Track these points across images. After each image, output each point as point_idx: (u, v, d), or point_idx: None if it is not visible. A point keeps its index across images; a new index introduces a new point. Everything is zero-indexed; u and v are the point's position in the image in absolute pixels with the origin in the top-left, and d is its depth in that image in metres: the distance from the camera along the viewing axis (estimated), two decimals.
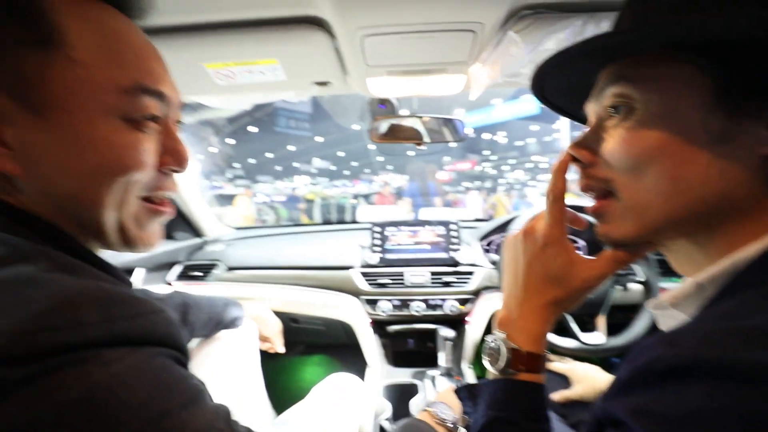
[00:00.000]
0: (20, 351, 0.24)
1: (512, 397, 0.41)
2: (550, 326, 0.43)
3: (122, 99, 0.35)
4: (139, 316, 0.31)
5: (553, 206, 0.42)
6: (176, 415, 0.28)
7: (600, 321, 0.99)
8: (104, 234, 0.38)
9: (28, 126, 0.33)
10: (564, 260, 0.41)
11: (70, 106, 0.33)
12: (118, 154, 0.35)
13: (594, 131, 0.39)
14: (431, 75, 0.82)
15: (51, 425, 0.24)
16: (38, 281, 0.27)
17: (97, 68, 0.34)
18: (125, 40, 0.36)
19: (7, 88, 0.31)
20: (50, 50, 0.32)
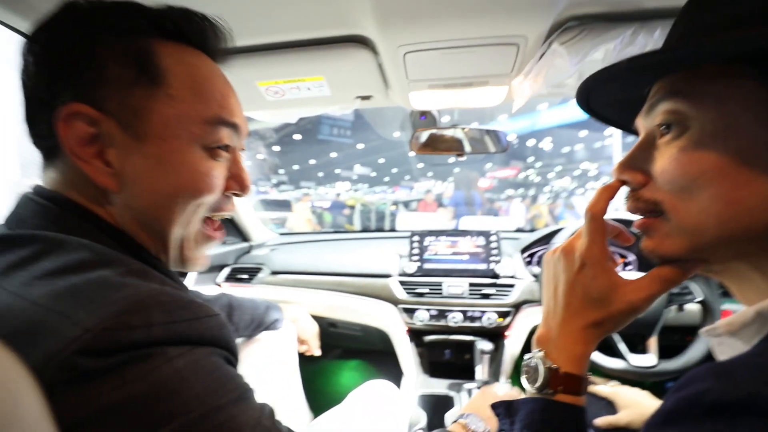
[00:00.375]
0: (102, 345, 0.28)
1: (549, 418, 0.40)
2: (592, 348, 0.41)
3: (205, 130, 0.41)
4: (199, 319, 0.34)
5: (591, 225, 0.40)
6: (227, 409, 0.31)
7: (651, 342, 0.94)
8: (167, 248, 0.43)
9: (128, 149, 0.38)
10: (604, 283, 0.39)
11: (165, 135, 0.39)
12: (196, 178, 0.41)
13: (643, 149, 0.37)
14: (472, 88, 0.83)
15: (123, 411, 0.27)
16: (115, 284, 0.31)
17: (188, 104, 0.40)
18: (212, 81, 0.42)
19: (117, 116, 0.37)
20: (155, 88, 0.38)
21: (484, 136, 1.03)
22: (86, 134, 0.37)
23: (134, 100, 0.37)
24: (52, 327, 0.27)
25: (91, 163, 0.37)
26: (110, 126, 0.37)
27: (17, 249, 0.33)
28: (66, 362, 0.26)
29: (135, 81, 0.37)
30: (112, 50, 0.37)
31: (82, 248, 0.34)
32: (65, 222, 0.37)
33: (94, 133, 0.37)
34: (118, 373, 0.28)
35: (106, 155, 0.38)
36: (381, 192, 20.92)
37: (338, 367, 1.79)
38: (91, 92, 0.36)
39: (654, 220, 0.37)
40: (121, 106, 0.37)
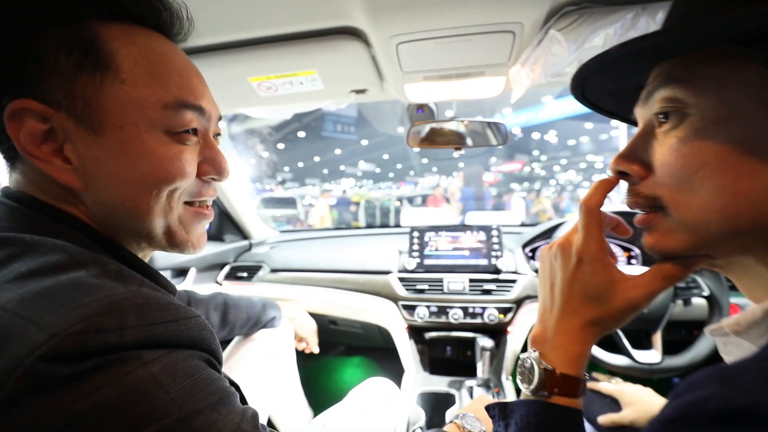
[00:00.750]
0: (70, 350, 0.26)
1: (544, 421, 0.39)
2: (589, 347, 0.40)
3: (166, 114, 0.38)
4: (176, 321, 0.33)
5: (586, 218, 0.39)
6: (206, 413, 0.30)
7: (656, 338, 0.91)
8: (154, 238, 0.42)
9: (86, 143, 0.36)
10: (602, 278, 0.38)
11: (121, 123, 0.36)
12: (163, 164, 0.38)
13: (641, 139, 0.35)
14: (469, 78, 0.81)
15: (95, 418, 0.26)
16: (89, 287, 0.30)
17: (143, 88, 0.37)
18: (168, 61, 0.39)
19: (68, 108, 0.35)
20: (104, 74, 0.36)
21: (483, 129, 1.01)
22: (39, 131, 0.35)
23: (82, 89, 0.35)
24: (17, 333, 0.26)
25: (49, 161, 0.36)
26: (62, 120, 0.35)
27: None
28: (30, 369, 0.25)
29: (79, 69, 0.35)
30: (51, 39, 0.34)
31: (56, 250, 0.33)
32: (36, 223, 0.36)
33: (46, 129, 0.35)
34: (89, 379, 0.27)
35: (64, 151, 0.36)
36: (386, 188, 20.90)
37: (340, 364, 1.78)
38: (34, 86, 0.34)
39: (654, 215, 0.35)
40: (69, 98, 0.35)
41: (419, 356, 1.17)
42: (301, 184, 23.87)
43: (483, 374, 0.98)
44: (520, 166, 19.95)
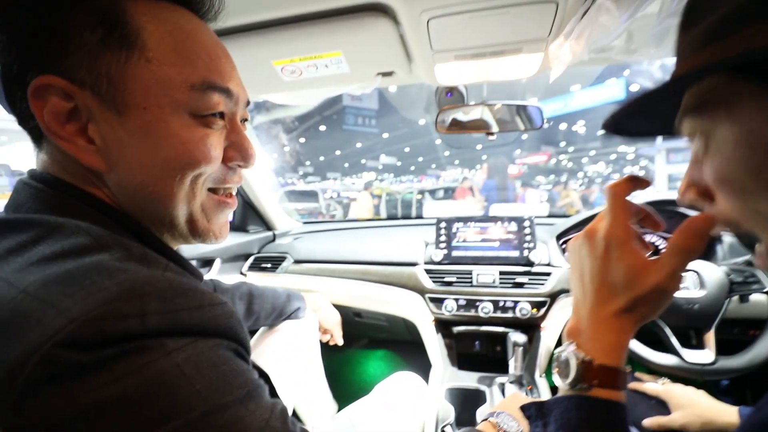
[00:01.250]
0: (90, 336, 0.25)
1: (586, 416, 0.35)
2: (628, 336, 0.37)
3: (192, 96, 0.36)
4: (201, 308, 0.31)
5: (612, 202, 0.38)
6: (233, 408, 0.28)
7: (709, 337, 0.84)
8: (176, 226, 0.40)
9: (110, 123, 0.35)
10: (628, 264, 0.36)
11: (146, 103, 0.35)
12: (187, 148, 0.37)
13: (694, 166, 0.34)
14: (503, 56, 0.75)
15: (114, 409, 0.24)
16: (111, 270, 0.28)
17: (170, 66, 0.35)
18: (196, 40, 0.37)
19: (92, 86, 0.34)
20: (130, 51, 0.34)
21: (514, 114, 0.95)
22: (62, 109, 0.34)
23: (106, 67, 0.33)
24: (36, 318, 0.25)
25: (73, 141, 0.34)
26: (86, 98, 0.34)
27: (15, 234, 0.31)
28: (48, 356, 0.24)
29: (104, 45, 0.33)
30: (76, 12, 0.33)
31: (80, 232, 0.31)
32: (61, 204, 0.35)
33: (70, 108, 0.34)
34: (109, 368, 0.25)
35: (88, 131, 0.35)
36: (407, 181, 20.83)
37: (364, 357, 1.77)
38: (58, 62, 0.33)
39: None
40: (93, 75, 0.33)
41: (447, 351, 1.14)
42: (322, 177, 24.09)
43: (515, 371, 0.93)
44: (546, 158, 19.41)
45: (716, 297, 0.84)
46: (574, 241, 0.42)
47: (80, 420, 0.24)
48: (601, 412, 0.36)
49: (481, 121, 0.96)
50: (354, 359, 1.75)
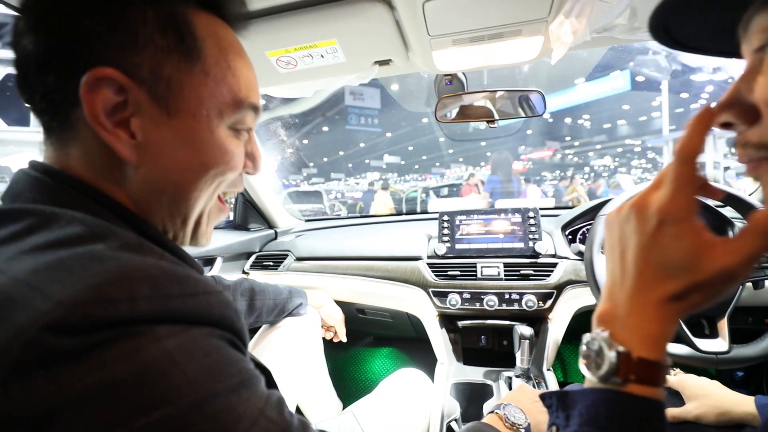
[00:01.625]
0: (77, 321, 0.24)
1: (618, 414, 0.32)
2: (672, 327, 0.33)
3: (234, 111, 0.40)
4: (195, 296, 0.30)
5: (680, 169, 0.31)
6: (225, 397, 0.28)
7: (722, 325, 0.81)
8: (186, 224, 0.42)
9: (156, 122, 0.36)
10: (689, 243, 0.30)
11: (196, 111, 0.37)
12: (226, 158, 0.40)
13: (745, 81, 0.29)
14: (502, 40, 0.73)
15: (101, 398, 0.24)
16: (103, 258, 0.28)
17: (222, 84, 0.38)
18: (243, 61, 0.41)
19: (149, 86, 0.35)
20: (192, 62, 0.37)
21: (517, 100, 0.93)
22: (111, 102, 0.34)
23: (169, 71, 0.35)
24: (23, 302, 0.24)
25: (115, 133, 0.35)
26: (140, 95, 0.35)
27: (9, 224, 0.30)
28: (34, 340, 0.23)
29: (171, 50, 0.35)
30: (147, 13, 0.34)
31: (75, 222, 0.31)
32: (60, 195, 0.34)
33: (119, 101, 0.34)
34: (98, 354, 0.24)
35: (130, 126, 0.35)
36: (411, 180, 20.80)
37: (369, 355, 1.75)
38: (123, 57, 0.34)
39: None
40: (154, 76, 0.35)
41: (452, 345, 1.11)
42: (326, 178, 24.13)
43: (522, 364, 0.91)
44: (551, 153, 19.27)
45: None
46: (615, 214, 0.37)
47: (67, 407, 0.23)
48: (637, 410, 0.32)
49: (482, 109, 0.94)
50: (359, 357, 1.74)
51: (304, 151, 21.88)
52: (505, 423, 0.60)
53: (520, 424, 0.60)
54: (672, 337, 0.33)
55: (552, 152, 19.36)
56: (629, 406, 0.32)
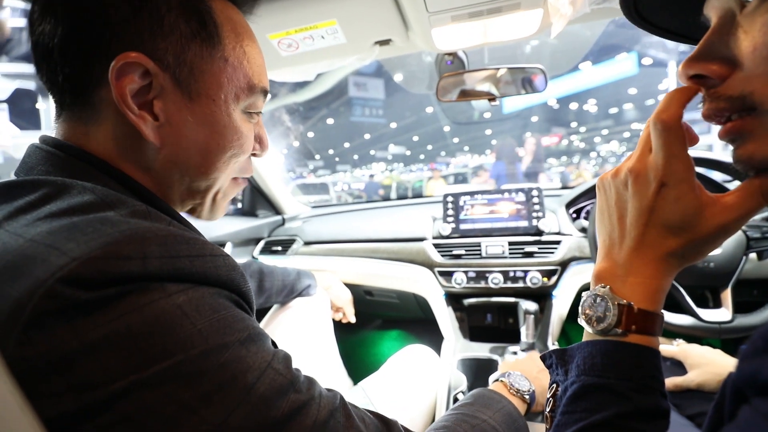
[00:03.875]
0: (91, 275, 0.25)
1: (614, 361, 0.34)
2: (670, 279, 0.35)
3: (249, 96, 0.42)
4: (203, 257, 0.32)
5: (666, 136, 0.32)
6: (233, 348, 0.29)
7: (726, 295, 0.82)
8: (205, 197, 0.45)
9: (177, 105, 0.38)
10: (689, 203, 0.32)
11: (215, 96, 0.39)
12: (239, 139, 0.43)
13: (717, 34, 0.30)
14: (501, 14, 0.73)
15: (115, 346, 0.25)
16: (115, 221, 0.29)
17: (239, 69, 0.41)
18: (256, 48, 0.44)
19: (174, 71, 0.37)
20: (213, 49, 0.38)
21: (517, 77, 0.93)
22: (137, 85, 0.35)
23: (191, 57, 0.37)
24: (42, 259, 0.26)
25: (139, 115, 0.36)
26: (164, 79, 0.36)
27: (25, 194, 0.32)
28: (52, 291, 0.25)
29: (194, 37, 0.37)
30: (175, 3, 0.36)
31: (86, 192, 0.32)
32: (71, 167, 0.36)
33: (144, 85, 0.36)
34: (112, 306, 0.26)
35: (153, 108, 0.37)
36: (417, 170, 20.71)
37: (379, 338, 1.78)
38: (150, 43, 0.35)
39: (745, 119, 0.29)
40: (178, 61, 0.37)
41: (458, 324, 1.13)
42: (332, 170, 24.13)
43: (527, 339, 0.93)
44: (557, 140, 19.02)
45: (732, 254, 0.82)
46: (610, 177, 0.38)
47: (84, 353, 0.25)
48: (635, 357, 0.33)
49: (483, 86, 0.94)
50: (368, 340, 1.77)
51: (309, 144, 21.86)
52: (510, 390, 0.62)
53: (525, 391, 0.62)
54: (668, 288, 0.35)
55: (558, 138, 19.12)
56: (626, 353, 0.34)
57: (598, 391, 0.33)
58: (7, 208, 0.31)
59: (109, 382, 0.25)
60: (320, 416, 0.31)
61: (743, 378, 0.23)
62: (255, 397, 0.28)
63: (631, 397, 0.32)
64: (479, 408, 0.54)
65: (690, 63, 0.31)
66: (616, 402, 0.32)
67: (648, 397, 0.32)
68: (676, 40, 0.41)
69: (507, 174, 4.65)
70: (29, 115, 2.34)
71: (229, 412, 0.27)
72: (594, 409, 0.33)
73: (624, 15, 0.39)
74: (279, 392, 0.30)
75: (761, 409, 0.21)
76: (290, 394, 0.31)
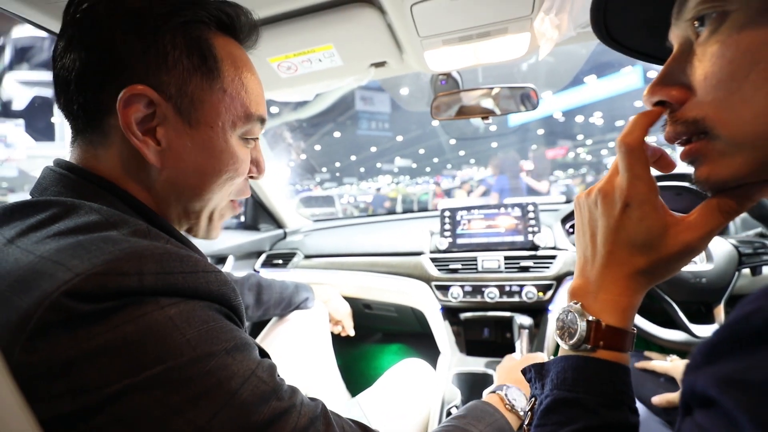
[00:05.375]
0: (92, 289, 0.28)
1: (584, 376, 0.35)
2: (639, 298, 0.36)
3: (245, 124, 0.45)
4: (195, 273, 0.34)
5: (629, 157, 0.34)
6: (219, 357, 0.31)
7: (719, 311, 0.82)
8: (200, 218, 0.47)
9: (178, 131, 0.41)
10: (653, 224, 0.33)
11: (214, 123, 0.42)
12: (235, 163, 0.45)
13: (677, 61, 0.31)
14: (491, 38, 0.76)
15: (111, 354, 0.28)
16: (116, 240, 0.32)
17: (236, 99, 0.43)
18: (254, 80, 0.46)
19: (175, 101, 0.40)
20: (213, 81, 0.41)
21: (510, 95, 0.96)
22: (142, 114, 0.39)
23: (193, 88, 0.40)
24: (49, 274, 0.28)
25: (143, 141, 0.39)
26: (167, 108, 0.40)
27: (37, 213, 0.35)
28: (56, 303, 0.27)
29: (195, 70, 0.40)
30: (177, 38, 0.39)
31: (93, 212, 0.35)
32: (81, 188, 0.39)
33: (148, 113, 0.39)
34: (110, 317, 0.28)
35: (156, 135, 0.40)
36: (423, 183, 20.77)
37: (378, 351, 1.78)
38: (154, 76, 0.38)
39: (700, 142, 0.31)
40: (180, 92, 0.40)
41: (455, 338, 1.14)
42: (339, 183, 24.29)
43: (522, 353, 0.93)
44: (563, 152, 19.00)
45: (725, 270, 0.82)
46: (584, 196, 0.40)
47: (83, 360, 0.27)
48: (603, 372, 0.35)
49: (477, 106, 0.97)
50: (368, 354, 1.77)
51: (316, 157, 22.08)
52: (505, 405, 0.61)
53: (521, 408, 0.60)
54: (638, 306, 0.37)
55: (565, 151, 19.10)
56: (595, 368, 0.35)
57: (569, 405, 0.34)
58: (20, 225, 0.34)
59: (104, 386, 0.27)
60: (300, 423, 0.33)
61: (685, 390, 0.24)
62: (238, 402, 0.30)
63: (599, 412, 0.33)
64: (471, 421, 0.54)
65: (653, 89, 0.33)
66: (584, 416, 0.33)
67: (616, 413, 0.33)
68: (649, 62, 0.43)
69: (510, 188, 4.65)
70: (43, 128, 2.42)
71: (213, 415, 0.29)
72: (564, 422, 0.34)
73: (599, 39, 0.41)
74: (261, 399, 0.32)
75: (698, 422, 0.22)
76: (272, 402, 0.32)
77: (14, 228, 0.34)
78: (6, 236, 0.34)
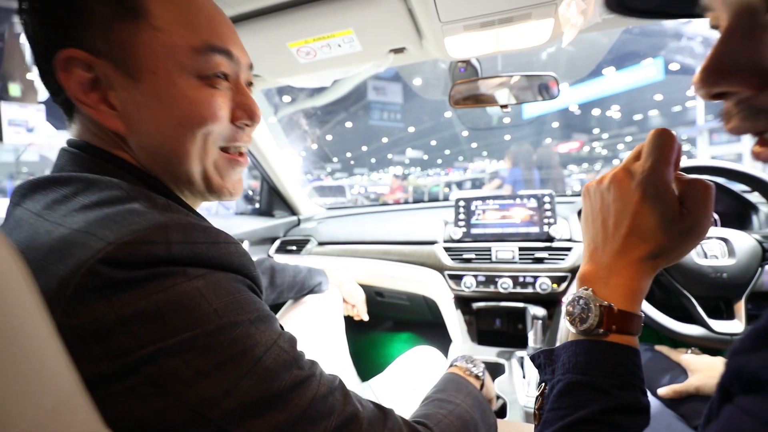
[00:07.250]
0: (124, 257, 0.29)
1: (597, 359, 0.35)
2: (649, 280, 0.37)
3: (196, 58, 0.39)
4: (217, 244, 0.35)
5: (658, 140, 0.35)
6: (244, 326, 0.32)
7: (739, 307, 0.81)
8: (193, 183, 0.44)
9: (126, 88, 0.38)
10: (667, 207, 0.34)
11: (155, 68, 0.38)
12: (194, 108, 0.40)
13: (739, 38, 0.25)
14: (513, 24, 0.75)
15: (145, 320, 0.29)
16: (141, 212, 0.33)
17: (174, 33, 0.38)
18: (197, 6, 0.41)
19: (107, 55, 0.37)
20: (137, 20, 0.37)
21: (530, 84, 0.94)
22: (85, 79, 0.37)
23: (119, 36, 0.37)
24: (81, 243, 0.30)
25: (97, 108, 0.38)
26: (104, 67, 0.37)
27: (60, 188, 0.36)
28: (92, 270, 0.28)
29: (114, 15, 0.37)
30: None
31: (113, 186, 0.36)
32: (94, 166, 0.40)
33: (92, 77, 0.38)
34: (142, 286, 0.29)
35: (109, 98, 0.38)
36: (434, 175, 20.66)
37: (389, 340, 1.80)
38: (78, 36, 0.37)
39: None
40: (109, 45, 0.37)
41: (467, 327, 1.15)
42: (350, 173, 24.33)
43: (535, 344, 0.93)
44: (578, 146, 18.65)
45: (747, 265, 0.81)
46: (594, 184, 0.40)
47: (119, 326, 0.28)
48: (615, 355, 0.35)
49: (496, 93, 0.96)
50: (379, 342, 1.79)
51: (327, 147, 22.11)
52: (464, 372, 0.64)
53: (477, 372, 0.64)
54: (647, 290, 0.37)
55: (580, 145, 18.75)
56: (608, 352, 0.36)
57: (582, 388, 0.35)
58: (44, 199, 0.35)
59: (138, 349, 0.28)
60: (320, 392, 0.34)
61: (729, 375, 0.23)
62: (261, 369, 0.32)
63: (613, 394, 0.33)
64: (452, 393, 0.55)
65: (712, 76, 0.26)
66: (599, 398, 0.34)
67: (629, 394, 0.34)
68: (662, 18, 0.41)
69: (524, 180, 4.61)
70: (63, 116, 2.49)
71: (239, 379, 0.30)
72: (578, 405, 0.34)
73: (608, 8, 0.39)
74: (283, 367, 0.33)
75: (742, 406, 0.21)
76: (293, 370, 0.34)
77: (38, 202, 0.35)
78: (32, 210, 0.35)
